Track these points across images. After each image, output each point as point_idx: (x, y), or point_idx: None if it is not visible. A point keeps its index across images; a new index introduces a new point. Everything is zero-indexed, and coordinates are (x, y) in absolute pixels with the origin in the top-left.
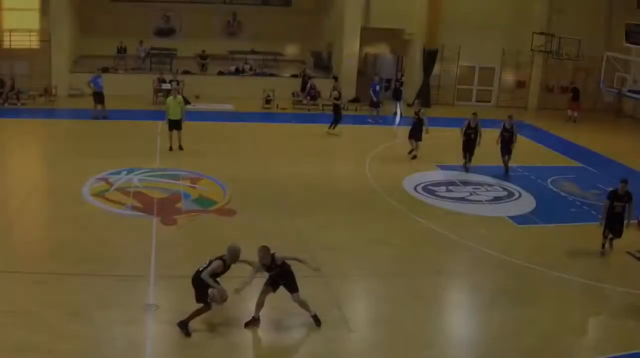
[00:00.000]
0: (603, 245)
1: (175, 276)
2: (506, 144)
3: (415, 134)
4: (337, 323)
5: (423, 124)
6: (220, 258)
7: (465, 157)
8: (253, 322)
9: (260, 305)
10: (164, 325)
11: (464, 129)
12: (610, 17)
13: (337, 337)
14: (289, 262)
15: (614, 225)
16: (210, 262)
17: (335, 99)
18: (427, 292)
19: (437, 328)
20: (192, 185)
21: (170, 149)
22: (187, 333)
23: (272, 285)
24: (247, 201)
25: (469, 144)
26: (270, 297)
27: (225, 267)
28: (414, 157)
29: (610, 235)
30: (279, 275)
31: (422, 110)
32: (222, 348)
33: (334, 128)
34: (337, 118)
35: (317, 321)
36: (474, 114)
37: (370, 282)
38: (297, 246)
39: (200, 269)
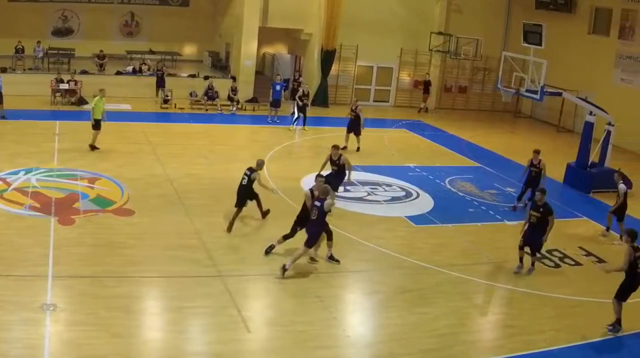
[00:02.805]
0: (521, 260)
1: (73, 276)
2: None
3: (354, 129)
4: (236, 324)
5: (360, 119)
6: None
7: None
8: None
9: None
10: (62, 325)
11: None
12: (508, 18)
13: (235, 338)
14: None
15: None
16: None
17: (299, 97)
18: (325, 292)
19: (335, 328)
20: (89, 185)
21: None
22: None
23: None
24: (145, 201)
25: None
26: (170, 296)
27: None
28: (358, 149)
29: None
30: None
31: (359, 107)
32: (119, 349)
33: (304, 127)
34: (303, 115)
35: None
36: (334, 146)
37: (268, 282)
38: (196, 246)
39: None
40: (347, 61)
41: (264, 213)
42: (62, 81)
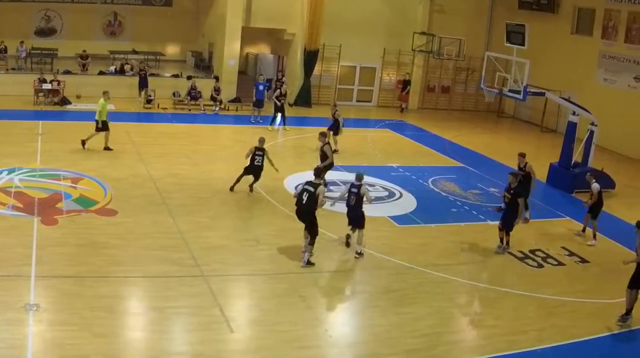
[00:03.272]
0: (501, 240)
1: (56, 276)
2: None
3: (334, 129)
4: (219, 324)
5: (340, 123)
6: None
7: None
8: None
9: None
10: (45, 324)
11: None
12: (491, 18)
13: (218, 338)
14: None
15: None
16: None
17: (277, 97)
18: (308, 292)
19: (318, 328)
20: (72, 185)
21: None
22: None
23: None
24: (128, 201)
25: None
26: (153, 296)
27: None
28: (335, 151)
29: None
30: None
31: (337, 112)
32: (102, 349)
33: (284, 126)
34: (282, 115)
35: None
36: (320, 133)
37: (251, 282)
38: (179, 246)
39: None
40: (330, 61)
41: (251, 188)
42: (44, 81)
